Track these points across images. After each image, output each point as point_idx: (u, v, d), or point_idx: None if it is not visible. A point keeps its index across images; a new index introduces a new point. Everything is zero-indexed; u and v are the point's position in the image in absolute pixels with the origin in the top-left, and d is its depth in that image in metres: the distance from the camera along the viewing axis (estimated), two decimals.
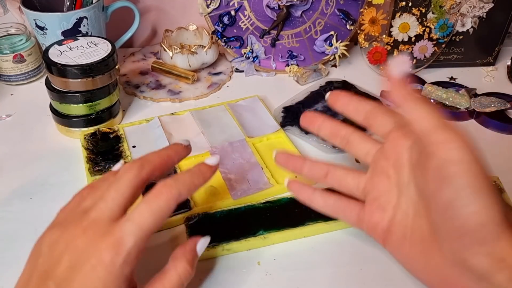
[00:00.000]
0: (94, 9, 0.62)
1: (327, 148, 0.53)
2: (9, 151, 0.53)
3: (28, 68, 0.65)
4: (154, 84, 0.66)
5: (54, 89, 0.53)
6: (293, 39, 0.69)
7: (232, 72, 0.70)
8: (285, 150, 0.44)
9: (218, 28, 0.68)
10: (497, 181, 0.47)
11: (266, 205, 0.44)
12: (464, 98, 0.60)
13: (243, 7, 0.67)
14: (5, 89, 0.65)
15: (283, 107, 0.59)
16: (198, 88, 0.65)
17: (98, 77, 0.52)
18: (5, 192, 0.47)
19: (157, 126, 0.55)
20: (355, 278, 0.39)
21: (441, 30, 0.64)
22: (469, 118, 0.60)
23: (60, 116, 0.54)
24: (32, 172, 0.50)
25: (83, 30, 0.63)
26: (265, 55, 0.69)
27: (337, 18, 0.68)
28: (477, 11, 0.65)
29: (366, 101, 0.39)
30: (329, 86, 0.63)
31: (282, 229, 0.42)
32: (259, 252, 0.41)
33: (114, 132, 0.54)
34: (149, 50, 0.75)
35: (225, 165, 0.50)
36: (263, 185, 0.47)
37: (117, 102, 0.57)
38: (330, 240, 0.42)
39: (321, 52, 0.70)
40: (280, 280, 0.39)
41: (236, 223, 0.42)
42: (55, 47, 0.54)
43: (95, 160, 0.50)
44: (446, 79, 0.68)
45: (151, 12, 0.77)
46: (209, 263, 0.40)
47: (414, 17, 0.63)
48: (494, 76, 0.69)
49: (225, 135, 0.54)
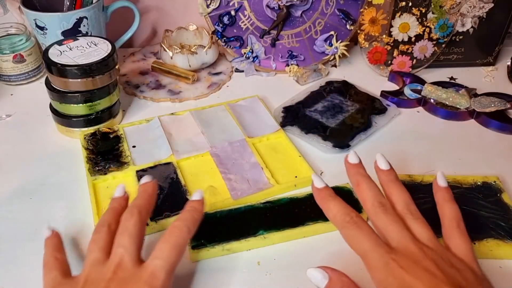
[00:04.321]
0: (94, 9, 0.62)
1: (327, 148, 0.53)
2: (9, 151, 0.53)
3: (28, 68, 0.65)
4: (154, 84, 0.66)
5: (54, 89, 0.53)
6: (293, 39, 0.69)
7: (232, 72, 0.70)
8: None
9: (218, 28, 0.68)
10: (497, 181, 0.47)
11: (266, 205, 0.44)
12: (464, 98, 0.60)
13: (243, 7, 0.67)
14: (5, 89, 0.65)
15: (283, 107, 0.59)
16: (198, 88, 0.65)
17: (98, 77, 0.52)
18: (5, 192, 0.47)
19: (157, 126, 0.55)
20: (355, 278, 0.39)
21: (441, 30, 0.64)
22: (469, 118, 0.60)
23: (60, 116, 0.54)
24: (32, 172, 0.50)
25: (83, 30, 0.62)
26: (265, 55, 0.69)
27: (337, 18, 0.68)
28: (477, 11, 0.65)
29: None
30: (329, 86, 0.64)
31: (282, 229, 0.42)
32: (259, 252, 0.41)
33: (114, 132, 0.54)
34: (149, 50, 0.75)
35: (225, 165, 0.50)
36: (263, 185, 0.47)
37: (117, 102, 0.57)
38: (330, 240, 0.42)
39: (321, 52, 0.70)
40: (280, 280, 0.39)
41: (236, 223, 0.42)
42: (55, 47, 0.54)
43: (95, 160, 0.50)
44: (446, 79, 0.68)
45: (151, 12, 0.77)
46: (209, 263, 0.40)
47: (414, 17, 0.63)
48: (494, 76, 0.69)
49: (225, 135, 0.54)
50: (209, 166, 0.50)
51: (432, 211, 0.44)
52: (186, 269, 0.40)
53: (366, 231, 0.34)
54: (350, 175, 0.39)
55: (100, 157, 0.50)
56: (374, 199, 0.36)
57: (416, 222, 0.34)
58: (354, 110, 0.59)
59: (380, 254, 0.32)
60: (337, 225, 0.35)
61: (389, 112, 0.59)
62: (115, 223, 0.37)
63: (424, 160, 0.52)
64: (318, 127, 0.55)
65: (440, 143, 0.55)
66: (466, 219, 0.42)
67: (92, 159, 0.50)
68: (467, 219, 0.42)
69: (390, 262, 0.32)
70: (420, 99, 0.62)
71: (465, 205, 0.44)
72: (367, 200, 0.36)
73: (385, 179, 0.38)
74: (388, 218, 0.34)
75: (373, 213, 0.35)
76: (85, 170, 0.49)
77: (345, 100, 0.61)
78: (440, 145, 0.48)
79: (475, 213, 0.44)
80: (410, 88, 0.64)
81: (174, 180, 0.47)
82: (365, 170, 0.38)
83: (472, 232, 0.41)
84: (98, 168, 0.49)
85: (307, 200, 0.45)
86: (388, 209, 0.35)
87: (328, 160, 0.52)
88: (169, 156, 0.51)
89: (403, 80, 0.65)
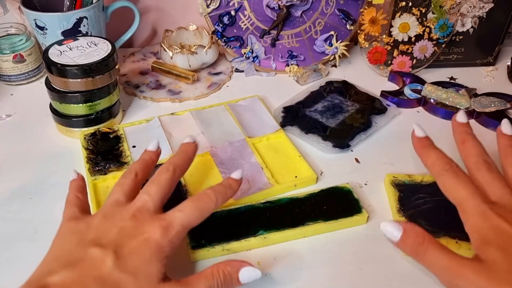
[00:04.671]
0: (94, 9, 0.62)
1: (327, 148, 0.53)
2: (9, 151, 0.53)
3: (28, 68, 0.65)
4: (154, 84, 0.66)
5: (54, 89, 0.53)
6: (293, 39, 0.69)
7: (232, 72, 0.70)
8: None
9: (218, 28, 0.68)
10: None
11: (266, 205, 0.44)
12: (464, 98, 0.60)
13: (243, 7, 0.67)
14: (5, 89, 0.65)
15: (283, 107, 0.59)
16: (198, 88, 0.65)
17: (98, 77, 0.52)
18: (5, 192, 0.47)
19: (157, 126, 0.55)
20: (355, 278, 0.39)
21: (441, 30, 0.64)
22: (469, 118, 0.60)
23: (60, 116, 0.54)
24: (32, 172, 0.50)
25: (83, 30, 0.62)
26: (265, 55, 0.69)
27: (337, 18, 0.68)
28: (477, 11, 0.65)
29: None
30: (329, 86, 0.64)
31: (282, 229, 0.42)
32: (259, 252, 0.41)
33: (114, 132, 0.54)
34: (149, 50, 0.75)
35: (225, 165, 0.50)
36: (263, 185, 0.47)
37: (117, 102, 0.57)
38: (330, 240, 0.42)
39: (321, 52, 0.70)
40: (280, 280, 0.39)
41: (236, 223, 0.42)
42: (55, 47, 0.54)
43: (95, 160, 0.50)
44: (446, 79, 0.68)
45: (151, 12, 0.77)
46: (209, 263, 0.40)
47: (414, 17, 0.63)
48: (494, 76, 0.69)
49: (225, 135, 0.54)
50: (209, 166, 0.50)
51: (432, 211, 0.44)
52: (186, 269, 0.40)
53: (465, 180, 0.34)
54: (456, 133, 0.39)
55: (100, 157, 0.50)
56: (479, 156, 0.36)
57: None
58: (354, 110, 0.59)
59: (478, 202, 0.33)
60: (434, 172, 0.36)
61: (389, 112, 0.59)
62: (142, 173, 0.39)
63: None
64: (318, 127, 0.55)
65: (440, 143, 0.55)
66: None
67: (92, 159, 0.50)
68: None
69: (488, 210, 0.32)
70: (420, 99, 0.62)
71: None
72: (471, 155, 0.37)
73: (505, 144, 0.38)
74: (492, 175, 0.35)
75: (476, 168, 0.36)
76: (85, 170, 0.49)
77: (345, 100, 0.61)
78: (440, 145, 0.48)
79: None
80: (410, 88, 0.64)
81: None
82: (472, 130, 0.39)
83: None
84: (98, 168, 0.49)
85: (307, 200, 0.45)
86: (493, 168, 0.36)
87: (328, 160, 0.52)
88: (169, 156, 0.51)
89: (403, 80, 0.65)
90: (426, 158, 0.38)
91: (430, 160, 0.37)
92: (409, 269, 0.39)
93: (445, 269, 0.31)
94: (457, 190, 0.34)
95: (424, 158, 0.38)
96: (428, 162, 0.37)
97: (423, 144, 0.38)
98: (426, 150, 0.38)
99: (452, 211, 0.44)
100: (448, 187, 0.35)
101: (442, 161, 0.36)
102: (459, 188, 0.34)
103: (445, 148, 0.54)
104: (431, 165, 0.37)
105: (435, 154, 0.37)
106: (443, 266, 0.31)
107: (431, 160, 0.37)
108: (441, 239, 0.41)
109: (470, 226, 0.33)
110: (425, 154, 0.38)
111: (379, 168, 0.51)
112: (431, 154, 0.37)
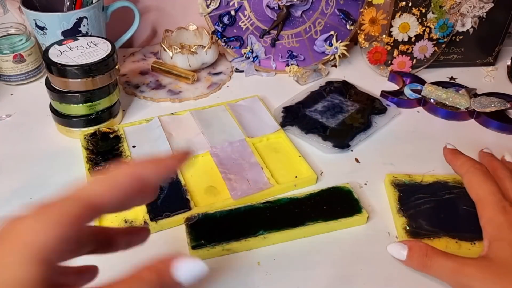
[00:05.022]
0: (94, 9, 0.62)
1: (327, 148, 0.53)
2: (9, 151, 0.53)
3: (28, 68, 0.65)
4: (154, 84, 0.66)
5: (54, 89, 0.53)
6: (293, 39, 0.69)
7: (232, 72, 0.70)
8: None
9: (218, 28, 0.68)
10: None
11: (266, 205, 0.44)
12: (464, 98, 0.60)
13: (243, 7, 0.67)
14: (5, 89, 0.65)
15: (283, 107, 0.59)
16: (198, 88, 0.65)
17: (98, 77, 0.52)
18: (5, 192, 0.47)
19: (157, 126, 0.55)
20: (355, 278, 0.39)
21: (441, 30, 0.64)
22: (469, 118, 0.60)
23: (60, 116, 0.54)
24: (32, 172, 0.50)
25: (83, 30, 0.62)
26: (265, 55, 0.69)
27: (337, 18, 0.68)
28: (477, 11, 0.65)
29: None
30: (329, 86, 0.64)
31: (282, 229, 0.42)
32: (259, 252, 0.41)
33: (114, 132, 0.54)
34: (149, 50, 0.75)
35: (225, 165, 0.50)
36: (263, 185, 0.47)
37: (117, 102, 0.57)
38: (330, 240, 0.42)
39: (321, 52, 0.70)
40: (280, 280, 0.39)
41: (236, 223, 0.42)
42: (55, 47, 0.54)
43: (95, 160, 0.50)
44: (446, 79, 0.68)
45: (151, 12, 0.77)
46: (209, 263, 0.40)
47: (414, 17, 0.63)
48: (494, 76, 0.69)
49: (225, 135, 0.54)
50: (209, 166, 0.50)
51: (432, 211, 0.44)
52: None
53: (491, 180, 0.37)
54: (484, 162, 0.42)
55: (100, 157, 0.50)
56: (503, 167, 0.40)
57: None
58: (354, 110, 0.59)
59: (499, 199, 0.35)
60: (463, 170, 0.39)
61: (389, 112, 0.59)
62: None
63: (424, 160, 0.52)
64: (318, 127, 0.55)
65: (440, 143, 0.55)
66: (466, 219, 0.42)
67: (92, 159, 0.50)
68: (468, 219, 0.42)
69: (508, 207, 0.34)
70: (420, 99, 0.62)
71: (465, 205, 0.44)
72: (497, 168, 0.40)
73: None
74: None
75: (502, 178, 0.38)
76: (85, 170, 0.49)
77: (345, 100, 0.61)
78: (440, 145, 0.48)
79: (475, 213, 0.44)
80: (410, 88, 0.64)
81: (174, 180, 0.47)
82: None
83: (472, 233, 0.41)
84: (98, 168, 0.49)
85: (307, 200, 0.45)
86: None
87: (328, 160, 0.52)
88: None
89: (403, 80, 0.65)
90: (456, 160, 0.41)
91: (460, 161, 0.40)
92: (409, 270, 0.39)
93: (451, 271, 0.33)
94: (481, 186, 0.36)
95: (454, 160, 0.41)
96: (458, 162, 0.40)
97: (454, 151, 0.42)
98: (456, 156, 0.41)
99: (452, 211, 0.44)
100: (474, 184, 0.37)
101: (472, 161, 0.39)
102: (484, 185, 0.36)
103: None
104: (460, 165, 0.40)
105: (465, 157, 0.40)
106: (449, 269, 0.33)
107: (461, 161, 0.40)
108: (441, 239, 0.41)
109: (486, 219, 0.35)
110: (455, 157, 0.41)
111: (379, 168, 0.51)
112: (461, 157, 0.41)
